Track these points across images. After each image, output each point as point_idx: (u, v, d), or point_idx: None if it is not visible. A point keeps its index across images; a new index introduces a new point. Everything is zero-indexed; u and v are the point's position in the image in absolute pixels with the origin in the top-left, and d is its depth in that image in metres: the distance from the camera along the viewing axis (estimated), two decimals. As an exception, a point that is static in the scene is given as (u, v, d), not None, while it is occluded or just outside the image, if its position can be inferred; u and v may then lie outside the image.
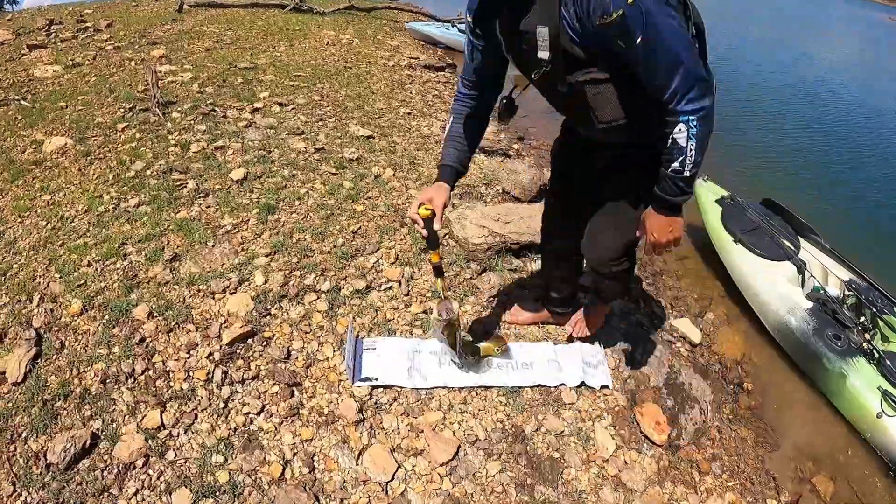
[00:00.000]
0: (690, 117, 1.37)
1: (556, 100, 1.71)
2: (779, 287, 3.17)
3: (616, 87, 1.52)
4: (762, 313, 3.20)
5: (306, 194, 3.17)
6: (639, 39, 1.30)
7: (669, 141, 1.42)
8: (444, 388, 2.14)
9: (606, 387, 2.27)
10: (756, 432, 2.48)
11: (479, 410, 2.09)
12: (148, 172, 3.22)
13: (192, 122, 3.85)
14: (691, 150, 1.41)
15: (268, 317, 2.34)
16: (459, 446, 1.94)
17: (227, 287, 2.43)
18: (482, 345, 2.28)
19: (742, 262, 3.38)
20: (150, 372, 2.04)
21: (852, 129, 6.26)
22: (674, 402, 2.36)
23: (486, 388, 2.17)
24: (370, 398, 2.06)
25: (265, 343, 2.22)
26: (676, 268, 3.65)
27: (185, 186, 3.11)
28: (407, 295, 2.55)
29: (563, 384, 2.23)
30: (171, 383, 2.02)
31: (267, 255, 2.64)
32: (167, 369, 2.07)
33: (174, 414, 1.91)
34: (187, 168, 3.29)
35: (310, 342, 2.26)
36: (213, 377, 2.05)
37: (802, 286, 3.19)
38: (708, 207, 3.79)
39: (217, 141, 3.60)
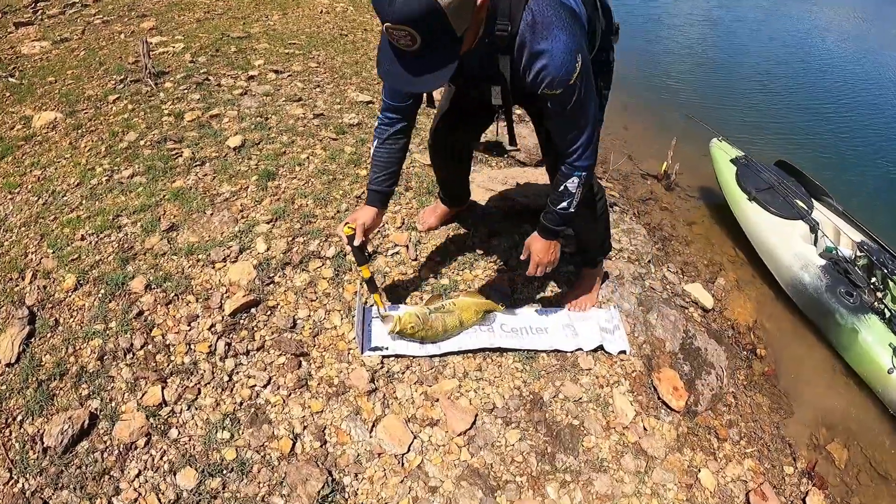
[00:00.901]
0: (583, 172, 1.71)
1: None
2: (792, 244, 3.17)
3: None
4: (775, 269, 3.20)
5: (307, 160, 3.06)
6: (568, 108, 1.55)
7: (562, 188, 1.74)
8: (458, 354, 2.07)
9: (624, 352, 2.21)
10: (771, 399, 2.46)
11: (496, 378, 2.02)
12: (141, 143, 3.12)
13: (186, 91, 3.73)
14: (578, 194, 1.74)
15: (271, 285, 2.26)
16: (477, 415, 1.88)
17: (228, 256, 2.35)
18: (486, 300, 2.22)
19: (756, 219, 3.40)
20: (150, 346, 1.97)
21: (864, 99, 6.26)
22: (690, 368, 2.30)
23: (501, 354, 2.10)
24: (382, 367, 1.99)
25: (269, 312, 2.14)
26: (685, 233, 3.62)
27: (181, 155, 3.00)
28: (415, 259, 2.46)
29: (580, 349, 2.16)
30: (172, 357, 1.95)
31: (268, 222, 2.55)
32: (167, 343, 1.99)
33: (176, 389, 1.85)
34: (182, 137, 3.19)
35: (316, 310, 2.18)
36: (215, 349, 1.98)
37: (815, 245, 3.20)
38: (723, 167, 3.79)
39: (212, 109, 3.49)
